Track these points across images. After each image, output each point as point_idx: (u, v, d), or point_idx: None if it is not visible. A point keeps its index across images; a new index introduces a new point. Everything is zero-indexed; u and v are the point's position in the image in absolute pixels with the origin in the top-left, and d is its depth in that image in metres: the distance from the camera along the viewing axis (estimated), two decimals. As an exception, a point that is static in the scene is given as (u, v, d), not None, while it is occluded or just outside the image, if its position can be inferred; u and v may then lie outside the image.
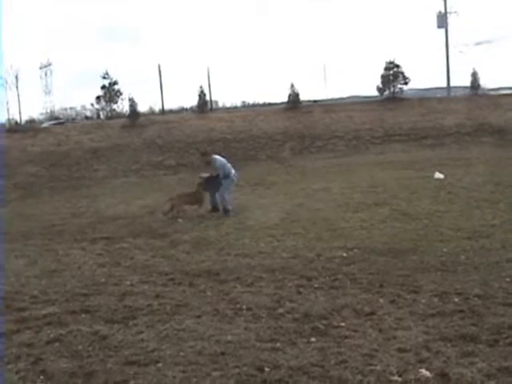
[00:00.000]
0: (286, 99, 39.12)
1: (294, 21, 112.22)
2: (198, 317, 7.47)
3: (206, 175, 16.06)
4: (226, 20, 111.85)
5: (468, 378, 5.37)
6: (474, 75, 41.02)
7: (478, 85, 41.22)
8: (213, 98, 44.95)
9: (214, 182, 15.76)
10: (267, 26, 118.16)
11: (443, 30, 44.78)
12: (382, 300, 7.87)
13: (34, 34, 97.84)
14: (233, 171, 16.06)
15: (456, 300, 7.69)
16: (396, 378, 5.44)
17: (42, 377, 5.79)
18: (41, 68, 50.55)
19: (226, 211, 15.57)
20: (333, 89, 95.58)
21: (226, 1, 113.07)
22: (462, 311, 7.26)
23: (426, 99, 38.95)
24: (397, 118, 35.12)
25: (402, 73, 39.45)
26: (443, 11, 46.60)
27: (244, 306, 7.80)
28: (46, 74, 50.76)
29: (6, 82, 42.88)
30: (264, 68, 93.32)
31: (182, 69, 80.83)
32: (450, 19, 46.32)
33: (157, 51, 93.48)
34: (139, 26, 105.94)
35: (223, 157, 16.47)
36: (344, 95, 50.36)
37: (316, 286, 8.70)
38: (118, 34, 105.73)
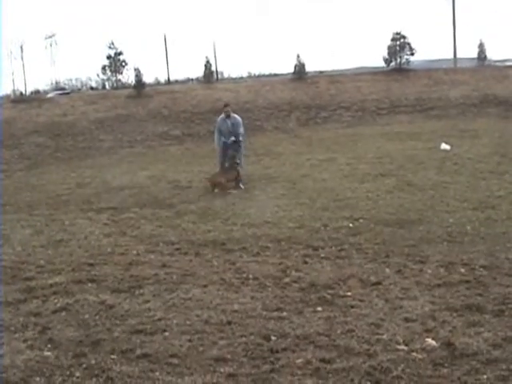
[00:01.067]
0: (291, 70, 38.91)
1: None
2: (205, 286, 7.50)
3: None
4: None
5: (474, 347, 5.40)
6: (481, 46, 40.70)
7: (485, 56, 40.89)
8: (219, 69, 44.60)
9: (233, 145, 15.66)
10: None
11: (450, 1, 44.28)
12: (388, 270, 7.90)
13: (38, 4, 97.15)
14: None
15: (462, 270, 7.72)
16: (402, 347, 5.47)
17: (49, 345, 5.83)
18: (46, 38, 50.26)
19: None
20: (339, 60, 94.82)
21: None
22: (468, 281, 7.29)
23: (433, 70, 38.64)
24: (403, 88, 34.91)
25: (409, 43, 39.06)
26: (450, -19, 46.11)
27: (250, 276, 7.84)
28: (50, 45, 50.51)
29: (11, 53, 42.60)
30: (270, 39, 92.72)
31: (187, 39, 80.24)
32: (458, -11, 45.93)
33: (163, 21, 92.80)
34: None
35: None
36: (350, 66, 49.94)
37: (322, 255, 8.73)
38: (123, 4, 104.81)
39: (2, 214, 13.07)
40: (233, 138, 15.56)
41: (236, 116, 16.05)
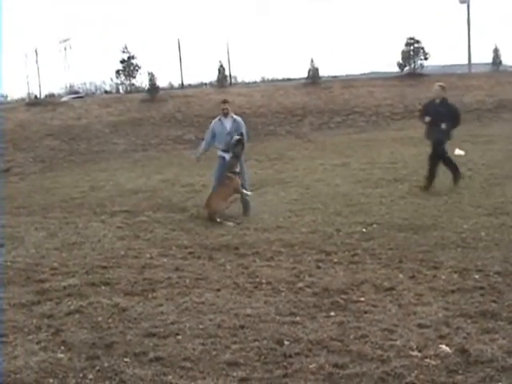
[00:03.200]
0: (305, 75, 38.93)
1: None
2: (218, 290, 7.51)
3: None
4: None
5: (488, 354, 5.36)
6: (496, 51, 40.59)
7: (500, 61, 40.79)
8: (232, 73, 44.49)
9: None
10: (286, 1, 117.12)
11: (465, 6, 44.16)
12: (401, 275, 7.87)
13: (53, 8, 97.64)
14: None
15: (476, 276, 7.67)
16: (416, 353, 5.45)
17: (62, 347, 5.85)
18: (60, 42, 50.38)
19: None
20: (352, 65, 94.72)
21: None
22: (482, 288, 7.24)
23: (447, 75, 38.47)
24: (417, 93, 34.77)
25: (423, 48, 39.07)
26: (465, -14, 46.00)
27: (263, 280, 7.84)
28: (65, 49, 50.64)
29: (26, 57, 42.68)
30: (283, 43, 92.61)
31: (201, 44, 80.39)
32: (473, -6, 45.76)
33: (176, 26, 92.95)
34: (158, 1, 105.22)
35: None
36: (364, 71, 49.84)
37: (335, 260, 8.71)
38: (137, 8, 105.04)
39: (17, 217, 13.13)
40: (236, 137, 12.31)
41: (237, 117, 12.89)
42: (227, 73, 40.61)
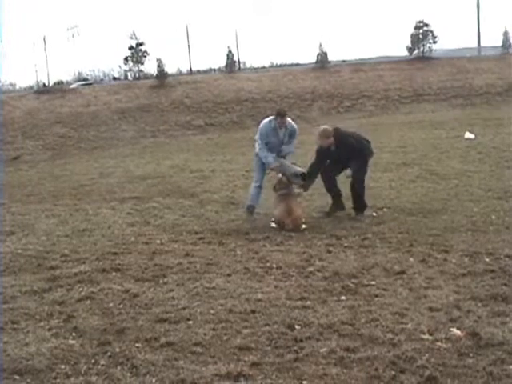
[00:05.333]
0: (314, 59, 38.82)
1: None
2: (228, 275, 7.52)
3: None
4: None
5: (499, 337, 5.35)
6: (506, 34, 40.30)
7: (510, 44, 40.46)
8: (241, 59, 44.31)
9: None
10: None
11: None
12: (412, 259, 7.86)
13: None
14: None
15: (487, 260, 7.66)
16: (427, 336, 5.44)
17: (74, 334, 5.86)
18: (68, 29, 50.31)
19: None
20: (361, 49, 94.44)
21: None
22: (492, 271, 7.23)
23: (456, 58, 38.34)
24: (426, 77, 34.72)
25: (432, 32, 38.87)
26: (474, -32, 45.61)
27: (274, 265, 7.85)
28: (73, 36, 50.58)
29: (34, 45, 42.64)
30: (292, 28, 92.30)
31: (209, 29, 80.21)
32: (482, -24, 45.37)
33: (184, 11, 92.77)
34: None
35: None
36: (372, 55, 49.59)
37: (346, 244, 8.71)
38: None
39: (27, 204, 13.17)
40: (300, 170, 10.98)
41: (290, 122, 11.24)
42: (236, 58, 40.52)
